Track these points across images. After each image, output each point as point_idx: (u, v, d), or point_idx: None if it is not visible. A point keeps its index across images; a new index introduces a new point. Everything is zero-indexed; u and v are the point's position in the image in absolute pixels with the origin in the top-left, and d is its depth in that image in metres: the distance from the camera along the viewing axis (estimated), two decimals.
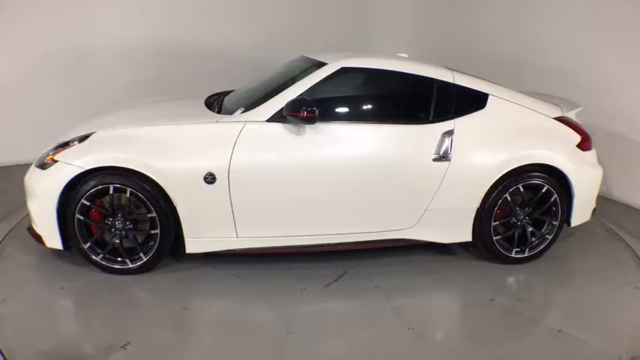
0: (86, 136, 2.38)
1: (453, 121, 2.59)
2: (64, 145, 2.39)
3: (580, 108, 3.12)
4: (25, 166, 2.55)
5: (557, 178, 2.72)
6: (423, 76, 2.63)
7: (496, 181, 2.61)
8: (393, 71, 2.63)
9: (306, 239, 2.52)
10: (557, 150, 2.70)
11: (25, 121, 4.12)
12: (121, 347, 1.92)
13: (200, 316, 2.24)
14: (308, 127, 2.40)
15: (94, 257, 2.38)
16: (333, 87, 2.55)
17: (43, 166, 2.36)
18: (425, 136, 2.53)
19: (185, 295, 2.35)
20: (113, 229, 2.38)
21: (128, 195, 2.31)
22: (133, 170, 2.26)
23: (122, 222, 2.37)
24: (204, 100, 2.87)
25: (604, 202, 3.63)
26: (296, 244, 2.52)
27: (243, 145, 2.35)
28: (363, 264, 2.69)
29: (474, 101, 2.67)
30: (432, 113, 2.62)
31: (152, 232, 2.39)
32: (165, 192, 2.31)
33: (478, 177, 2.58)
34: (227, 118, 2.45)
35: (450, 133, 2.55)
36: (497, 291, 2.51)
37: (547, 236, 2.82)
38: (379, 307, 2.31)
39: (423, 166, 2.51)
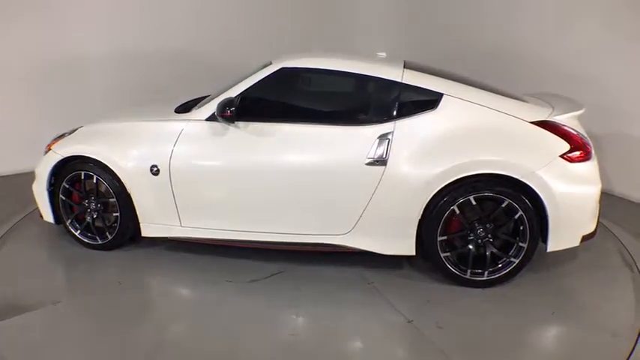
0: (74, 130, 2.90)
1: (393, 122, 2.42)
2: (61, 136, 2.94)
3: (581, 110, 2.59)
4: (9, 177, 3.13)
5: (527, 192, 2.33)
6: (366, 75, 2.52)
7: (441, 191, 2.35)
8: (335, 71, 2.57)
9: (244, 234, 2.62)
10: (524, 159, 2.31)
11: (12, 131, 4.16)
12: (52, 303, 2.32)
13: (126, 290, 2.49)
14: (240, 127, 2.51)
15: (74, 232, 2.87)
16: (276, 87, 2.61)
17: (45, 153, 2.94)
18: (360, 138, 2.42)
19: (126, 272, 2.66)
20: (89, 210, 2.84)
21: (94, 181, 2.74)
22: (97, 160, 2.68)
23: (95, 204, 2.82)
24: (183, 102, 3.16)
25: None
26: (235, 238, 2.64)
27: (183, 142, 2.58)
28: (305, 267, 2.68)
29: (424, 102, 2.45)
30: (371, 114, 2.49)
31: (114, 214, 2.78)
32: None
33: (418, 185, 2.36)
34: (176, 116, 2.71)
35: (387, 135, 2.39)
36: (423, 313, 2.28)
37: (512, 259, 2.42)
38: (279, 311, 2.29)
39: (356, 170, 2.40)
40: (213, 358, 1.98)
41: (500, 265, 2.44)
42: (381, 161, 2.38)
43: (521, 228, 2.38)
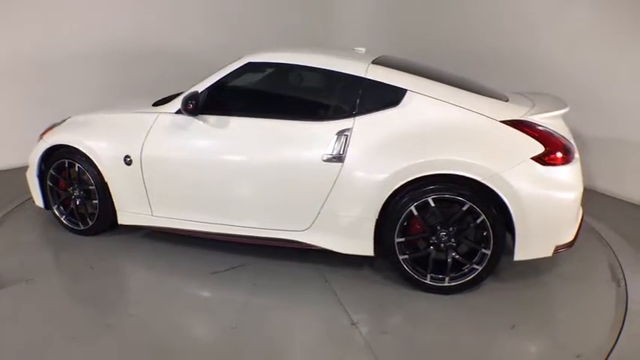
0: (64, 120, 3.07)
1: (353, 119, 2.35)
2: (53, 126, 3.13)
3: (563, 110, 2.39)
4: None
5: (492, 196, 2.18)
6: (329, 70, 2.46)
7: (399, 190, 2.26)
8: (299, 65, 2.54)
9: (207, 226, 2.66)
10: (488, 160, 2.16)
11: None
12: (25, 281, 2.48)
13: (95, 273, 2.59)
14: (204, 121, 2.54)
15: (60, 217, 3.05)
16: (242, 82, 2.62)
17: (38, 141, 3.14)
18: (319, 134, 2.37)
19: (100, 257, 2.77)
20: (73, 197, 3.00)
21: (77, 169, 2.89)
22: (78, 149, 2.83)
23: (78, 191, 2.97)
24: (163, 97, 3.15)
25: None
26: (199, 229, 2.69)
27: (154, 133, 2.66)
28: (268, 261, 2.68)
29: (387, 98, 2.35)
30: (331, 110, 2.43)
31: (93, 202, 2.92)
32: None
33: (374, 184, 2.28)
34: (150, 109, 2.79)
35: (346, 132, 2.33)
36: (372, 317, 2.22)
37: (475, 266, 2.28)
38: (229, 304, 2.30)
39: (313, 166, 2.36)
40: (151, 344, 2.03)
41: (463, 272, 2.31)
42: (337, 158, 2.32)
43: (485, 234, 2.23)
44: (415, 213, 2.26)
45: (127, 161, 2.70)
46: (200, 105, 2.54)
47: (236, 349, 1.99)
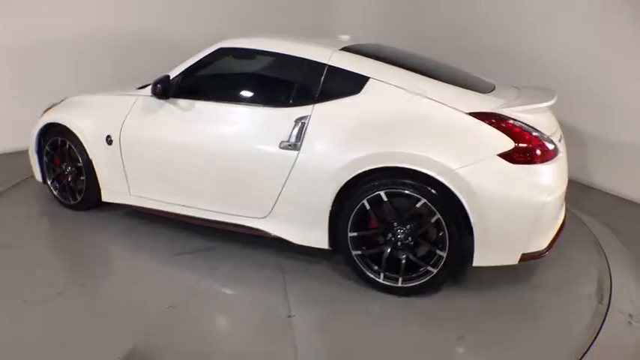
0: (62, 100, 3.26)
1: (312, 106, 2.27)
2: (53, 105, 3.33)
3: (545, 103, 2.17)
4: None
5: (450, 193, 2.02)
6: (293, 56, 2.39)
7: (354, 182, 2.15)
8: (267, 51, 2.49)
9: (178, 208, 2.69)
10: (445, 154, 2.00)
11: None
12: (3, 248, 2.66)
13: (68, 246, 2.75)
14: (174, 104, 2.58)
15: (54, 192, 3.24)
16: (214, 67, 2.62)
17: None
18: (278, 120, 2.32)
19: (80, 231, 2.90)
20: (65, 172, 3.18)
21: (67, 146, 3.05)
22: (68, 127, 2.98)
23: (70, 168, 3.14)
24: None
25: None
26: (171, 210, 2.73)
27: (133, 115, 2.74)
28: (234, 247, 2.67)
29: (349, 85, 2.25)
30: (293, 96, 2.35)
31: (81, 178, 3.08)
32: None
33: (328, 174, 2.19)
34: (132, 91, 2.88)
35: (304, 119, 2.26)
36: (311, 311, 2.14)
37: (430, 269, 2.12)
38: (179, 286, 2.31)
39: (270, 153, 2.31)
40: (92, 312, 2.10)
41: (418, 273, 2.17)
42: (293, 146, 2.26)
43: (441, 234, 2.07)
44: (367, 207, 2.15)
45: (109, 141, 2.81)
46: (173, 89, 2.59)
47: (164, 327, 2.00)
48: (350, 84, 2.24)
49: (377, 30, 5.41)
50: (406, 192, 2.06)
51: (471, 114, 2.06)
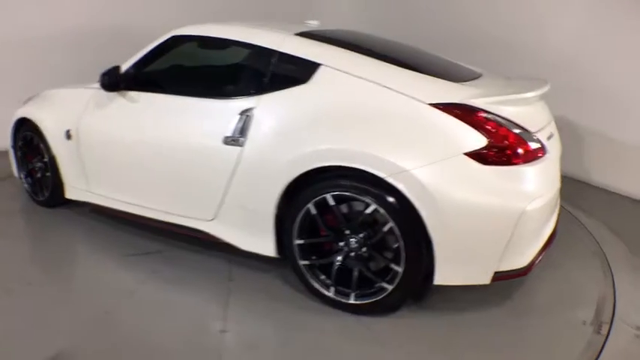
0: (36, 95, 3.19)
1: (258, 97, 2.02)
2: (30, 99, 3.27)
3: (532, 93, 1.83)
4: None
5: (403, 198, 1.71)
6: (244, 43, 2.15)
7: (298, 183, 1.89)
8: (220, 39, 2.26)
9: (132, 208, 2.52)
10: (399, 152, 1.70)
11: None
12: None
13: (23, 243, 2.66)
14: (123, 97, 2.41)
15: (26, 186, 3.18)
16: (167, 56, 2.43)
17: None
18: (223, 113, 2.08)
19: (40, 228, 2.82)
20: (35, 168, 3.11)
21: (35, 143, 2.97)
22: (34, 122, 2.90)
23: (39, 163, 3.06)
24: None
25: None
26: (126, 210, 2.57)
27: (88, 109, 2.60)
28: (187, 251, 2.47)
29: (298, 73, 1.98)
30: (240, 86, 2.12)
31: (47, 174, 2.99)
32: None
33: (272, 173, 1.94)
34: (90, 84, 2.74)
35: (249, 111, 2.01)
36: (250, 327, 1.89)
37: (385, 286, 1.82)
38: (117, 288, 2.15)
39: (213, 149, 2.08)
40: (35, 312, 1.98)
41: (373, 290, 1.87)
42: (237, 141, 2.02)
43: (396, 245, 1.77)
44: (313, 212, 1.88)
45: (68, 136, 2.69)
46: (126, 80, 2.42)
47: (94, 333, 1.84)
48: (299, 72, 1.97)
49: (368, 19, 5.08)
50: (354, 195, 1.78)
51: (433, 105, 1.74)
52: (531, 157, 1.73)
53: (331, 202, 1.83)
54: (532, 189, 1.69)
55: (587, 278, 2.26)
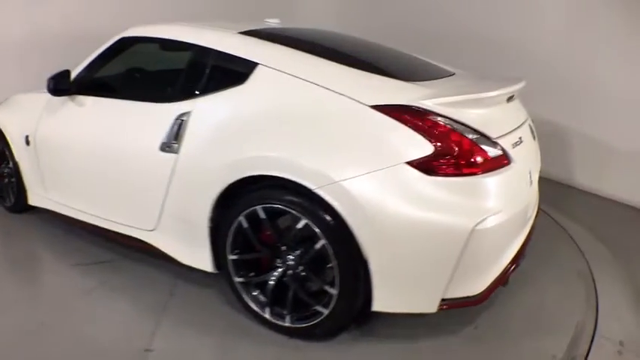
0: (5, 99, 3.15)
1: (194, 100, 1.88)
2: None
3: (494, 92, 1.62)
4: None
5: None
6: (187, 43, 2.01)
7: (230, 193, 1.73)
8: (167, 39, 2.12)
9: (81, 215, 2.42)
10: (330, 160, 1.52)
11: None
12: None
13: None
14: (74, 101, 2.31)
15: None
16: (115, 59, 2.32)
17: None
18: (161, 118, 1.95)
19: (6, 232, 2.76)
20: (4, 174, 3.06)
21: (1, 148, 2.91)
22: None
23: (6, 169, 3.01)
24: None
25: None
26: (76, 217, 2.47)
27: (44, 115, 2.52)
28: (137, 262, 2.35)
29: (236, 74, 1.82)
30: (178, 89, 1.98)
31: (12, 180, 2.93)
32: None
33: (204, 183, 1.79)
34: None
35: (184, 116, 1.87)
36: (174, 347, 1.74)
37: (320, 309, 1.63)
38: (62, 299, 2.05)
39: (150, 156, 1.95)
40: None
41: (309, 313, 1.68)
42: (172, 148, 1.88)
43: (330, 266, 1.58)
44: (245, 225, 1.71)
45: (27, 141, 2.62)
46: (77, 84, 2.33)
47: (23, 345, 1.75)
48: (236, 72, 1.81)
49: (354, 18, 4.88)
50: (284, 208, 1.60)
51: (374, 107, 1.55)
52: (489, 166, 1.52)
53: (262, 215, 1.66)
54: (488, 204, 1.48)
55: (565, 296, 2.05)
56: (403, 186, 1.46)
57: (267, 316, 1.76)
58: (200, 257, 1.91)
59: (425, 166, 1.46)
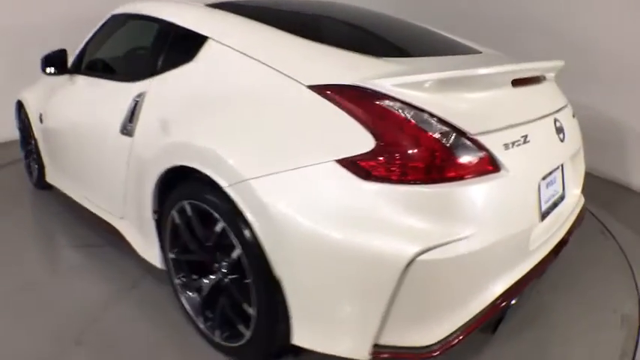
0: None
1: (150, 80, 1.71)
2: None
3: (484, 70, 1.25)
4: None
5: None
6: (157, 19, 1.84)
7: (165, 184, 1.54)
8: (145, 16, 1.97)
9: (74, 195, 2.42)
10: (247, 152, 1.25)
11: None
12: None
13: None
14: (70, 80, 2.31)
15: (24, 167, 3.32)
16: (107, 37, 2.25)
17: None
18: (124, 98, 1.81)
19: (16, 207, 2.86)
20: (32, 150, 3.20)
21: (27, 125, 3.06)
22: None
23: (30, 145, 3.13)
24: None
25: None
26: (72, 196, 2.47)
27: (51, 93, 2.57)
28: (121, 249, 2.28)
29: (188, 49, 1.61)
30: (143, 67, 1.82)
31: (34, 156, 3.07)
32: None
33: (147, 171, 1.62)
34: None
35: (140, 96, 1.72)
36: (102, 341, 1.59)
37: (243, 330, 1.37)
38: (35, 277, 2.03)
39: (112, 138, 1.83)
40: None
41: (234, 332, 1.43)
42: (128, 130, 1.74)
43: (247, 281, 1.30)
44: (177, 221, 1.51)
45: (40, 119, 2.72)
46: (75, 64, 2.33)
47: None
48: (189, 48, 1.60)
49: None
50: (205, 207, 1.36)
51: (313, 87, 1.23)
52: (460, 173, 1.13)
53: (189, 212, 1.44)
54: (447, 225, 1.09)
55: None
56: (327, 192, 1.12)
57: (202, 326, 1.55)
58: (151, 251, 1.75)
59: (361, 167, 1.11)
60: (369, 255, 1.08)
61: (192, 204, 1.42)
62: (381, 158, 1.10)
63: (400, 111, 1.14)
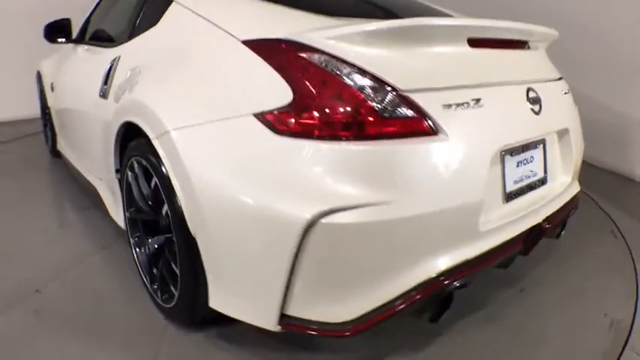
0: None
1: (124, 44, 1.76)
2: None
3: (430, 21, 1.16)
4: None
5: None
6: None
7: (124, 141, 1.57)
8: None
9: (77, 164, 2.55)
10: (182, 105, 1.23)
11: None
12: None
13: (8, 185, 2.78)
14: (74, 50, 2.42)
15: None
16: (106, 7, 2.34)
17: None
18: (103, 63, 1.87)
19: (30, 170, 3.03)
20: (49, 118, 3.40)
21: (45, 94, 3.23)
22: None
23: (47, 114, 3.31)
24: None
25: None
26: (72, 164, 2.60)
27: (60, 62, 2.70)
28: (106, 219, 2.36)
29: (155, 13, 1.64)
30: (120, 32, 1.88)
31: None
32: None
33: (112, 129, 1.65)
34: None
35: (114, 61, 1.77)
36: (58, 309, 1.63)
37: (173, 290, 1.36)
38: (27, 249, 2.07)
39: (91, 103, 1.90)
40: None
41: (169, 291, 1.41)
42: (104, 94, 1.79)
43: (174, 238, 1.28)
44: (130, 179, 1.52)
45: (52, 88, 2.86)
46: (81, 32, 2.45)
47: None
48: (156, 12, 1.63)
49: None
50: (144, 163, 1.36)
51: (246, 42, 1.19)
52: (385, 131, 1.03)
53: (136, 169, 1.45)
54: (360, 188, 1.00)
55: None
56: (240, 146, 1.08)
57: (148, 284, 1.56)
58: (119, 213, 1.80)
59: (275, 121, 1.05)
60: (272, 214, 1.02)
61: (138, 160, 1.43)
62: (296, 113, 1.04)
63: (324, 64, 1.07)
